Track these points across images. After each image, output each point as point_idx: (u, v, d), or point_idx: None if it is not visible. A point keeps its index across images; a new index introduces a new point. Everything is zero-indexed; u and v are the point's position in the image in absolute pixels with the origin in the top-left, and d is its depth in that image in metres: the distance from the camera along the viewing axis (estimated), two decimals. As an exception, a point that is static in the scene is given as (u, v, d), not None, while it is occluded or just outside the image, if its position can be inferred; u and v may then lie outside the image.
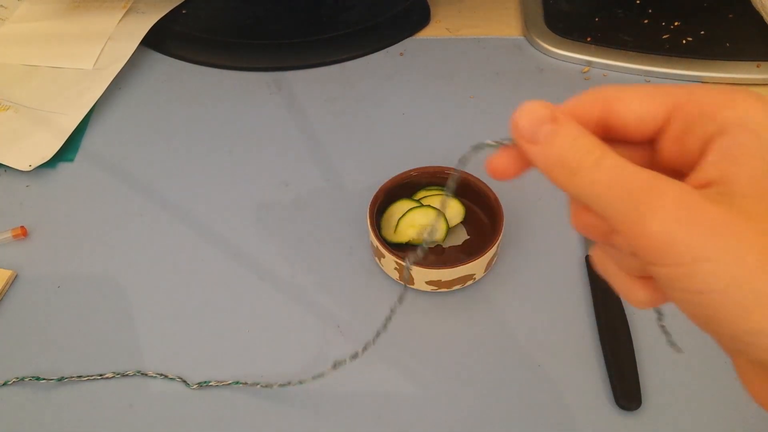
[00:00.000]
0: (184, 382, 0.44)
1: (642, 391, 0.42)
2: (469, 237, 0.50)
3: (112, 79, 0.62)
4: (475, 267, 0.46)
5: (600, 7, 0.68)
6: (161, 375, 0.44)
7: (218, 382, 0.44)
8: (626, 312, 0.46)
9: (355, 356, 0.37)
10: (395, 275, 0.47)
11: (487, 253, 0.46)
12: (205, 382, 0.44)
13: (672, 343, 0.32)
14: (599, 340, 0.45)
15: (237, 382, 0.44)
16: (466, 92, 0.62)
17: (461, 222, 0.50)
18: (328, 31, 0.68)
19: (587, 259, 0.49)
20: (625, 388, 0.42)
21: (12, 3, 0.71)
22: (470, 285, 0.48)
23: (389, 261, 0.46)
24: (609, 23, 0.66)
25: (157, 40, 0.67)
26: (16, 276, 0.50)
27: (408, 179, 0.50)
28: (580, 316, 0.47)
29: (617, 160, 0.22)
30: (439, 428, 0.42)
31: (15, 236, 0.51)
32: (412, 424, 0.42)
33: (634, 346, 0.44)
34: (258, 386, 0.43)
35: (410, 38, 0.68)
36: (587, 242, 0.50)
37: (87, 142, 0.59)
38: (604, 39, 0.65)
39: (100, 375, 0.44)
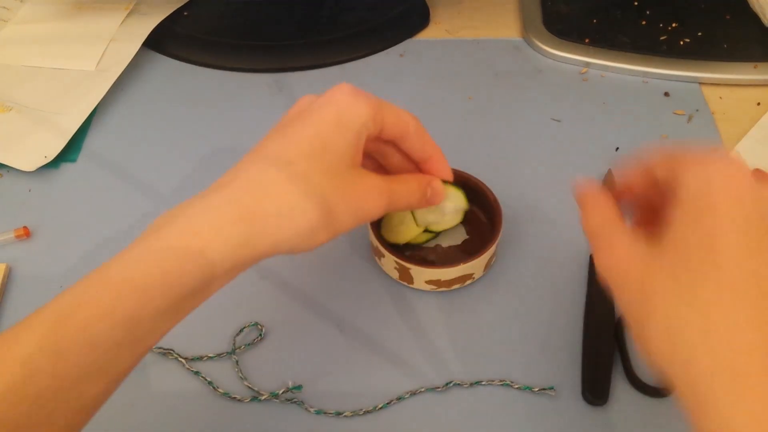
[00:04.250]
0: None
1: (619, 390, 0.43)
2: (468, 237, 0.51)
3: (114, 80, 0.62)
4: (474, 266, 0.46)
5: (598, 9, 0.68)
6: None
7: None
8: (616, 314, 0.46)
9: None
10: (395, 275, 0.48)
11: (486, 253, 0.46)
12: (209, 382, 0.44)
13: None
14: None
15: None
16: (466, 93, 0.62)
17: (461, 222, 0.51)
18: (329, 33, 0.68)
19: (591, 258, 0.49)
20: (593, 384, 0.43)
21: (14, 4, 0.71)
22: (469, 284, 0.48)
23: (389, 261, 0.47)
24: (607, 24, 0.67)
25: (159, 41, 0.68)
26: (10, 269, 0.50)
27: (408, 179, 0.50)
28: (579, 315, 0.47)
29: (625, 252, 0.30)
30: (437, 426, 0.42)
31: (18, 236, 0.52)
32: (411, 422, 0.43)
33: (628, 349, 0.44)
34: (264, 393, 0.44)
35: (410, 40, 0.68)
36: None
37: (89, 143, 0.60)
38: (602, 40, 0.65)
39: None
